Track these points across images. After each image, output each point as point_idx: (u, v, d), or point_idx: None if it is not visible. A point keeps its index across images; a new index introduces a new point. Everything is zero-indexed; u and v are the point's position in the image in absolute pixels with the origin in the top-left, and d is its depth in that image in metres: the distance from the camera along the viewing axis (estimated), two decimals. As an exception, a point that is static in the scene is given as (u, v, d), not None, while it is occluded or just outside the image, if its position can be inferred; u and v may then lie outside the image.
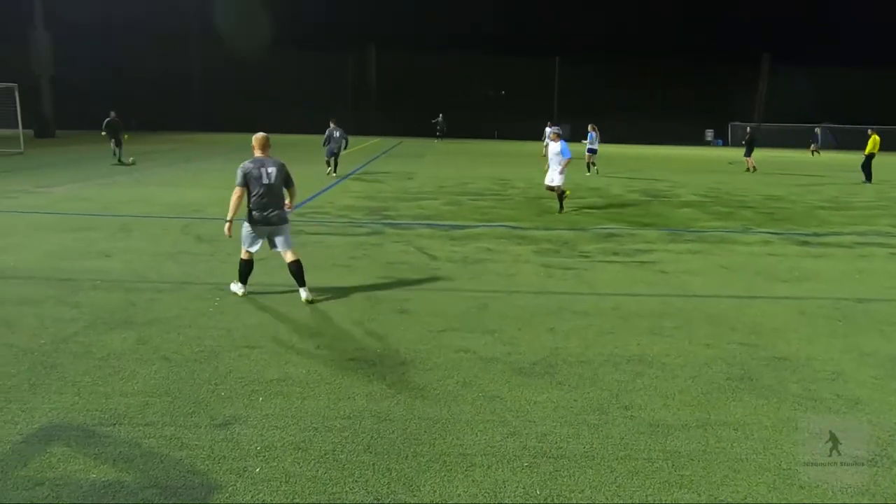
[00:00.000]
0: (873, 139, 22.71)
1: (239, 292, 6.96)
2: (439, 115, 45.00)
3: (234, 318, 6.26)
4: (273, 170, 6.74)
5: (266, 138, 6.92)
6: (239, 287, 7.00)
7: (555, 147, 13.32)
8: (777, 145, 47.36)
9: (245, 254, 6.94)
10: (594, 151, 23.24)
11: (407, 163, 26.83)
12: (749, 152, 26.27)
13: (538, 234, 11.28)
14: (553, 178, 13.34)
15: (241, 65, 49.43)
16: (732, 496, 3.54)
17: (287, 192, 7.05)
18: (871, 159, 22.71)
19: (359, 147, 35.36)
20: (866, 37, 47.27)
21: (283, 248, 6.91)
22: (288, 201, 7.10)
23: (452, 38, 50.35)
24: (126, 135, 22.90)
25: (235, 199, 6.70)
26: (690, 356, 5.55)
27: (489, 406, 4.52)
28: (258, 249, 6.94)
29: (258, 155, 6.81)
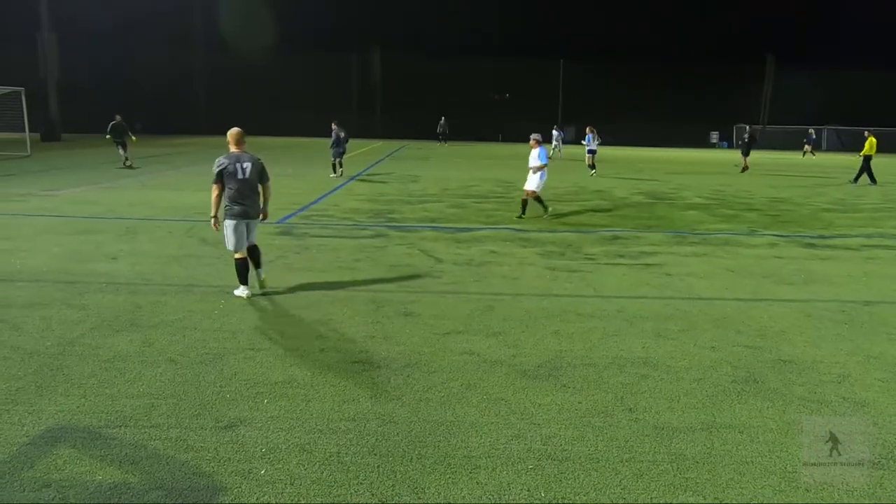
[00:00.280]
0: (870, 141, 22.83)
1: (244, 295, 6.98)
2: (441, 119, 45.10)
3: (239, 320, 6.28)
4: (248, 165, 6.89)
5: (240, 133, 7.04)
6: (242, 290, 7.02)
7: (533, 153, 13.15)
8: (781, 147, 47.26)
9: (237, 254, 7.02)
10: (594, 152, 24.18)
11: (411, 165, 26.86)
12: (746, 152, 26.78)
13: (543, 236, 11.27)
14: (530, 182, 13.19)
15: (245, 68, 49.67)
16: (737, 499, 3.53)
17: (261, 187, 7.13)
18: (870, 161, 22.78)
19: (363, 150, 35.44)
20: (871, 38, 47.15)
21: (251, 241, 7.16)
22: (263, 204, 7.22)
23: (457, 41, 50.51)
24: (134, 138, 22.93)
25: (214, 195, 6.87)
26: (696, 359, 5.54)
27: (494, 408, 4.52)
28: (244, 247, 7.04)
29: (233, 150, 6.94)
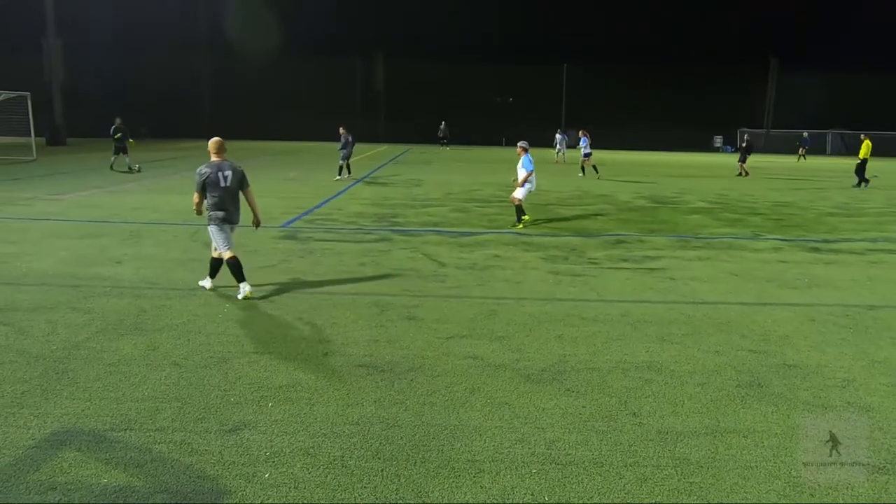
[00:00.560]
0: (866, 144, 22.95)
1: (246, 290, 7.07)
2: (442, 123, 45.21)
3: (244, 324, 6.30)
4: (229, 173, 7.10)
5: (221, 143, 7.25)
6: (244, 287, 7.10)
7: (519, 161, 13.00)
8: (786, 151, 47.17)
9: (227, 254, 7.14)
10: (589, 155, 24.91)
11: (414, 170, 26.90)
12: (744, 158, 27.29)
13: (546, 240, 11.28)
14: (517, 191, 12.86)
15: (249, 72, 49.88)
16: (742, 504, 3.52)
17: (243, 194, 7.30)
18: (865, 164, 22.87)
19: (367, 154, 35.49)
20: (876, 41, 47.04)
21: None
22: (253, 211, 7.44)
23: (460, 45, 50.53)
24: (132, 141, 22.93)
25: (196, 203, 7.09)
26: (699, 363, 5.54)
27: (497, 412, 4.52)
28: (233, 245, 7.24)
29: (214, 159, 7.14)
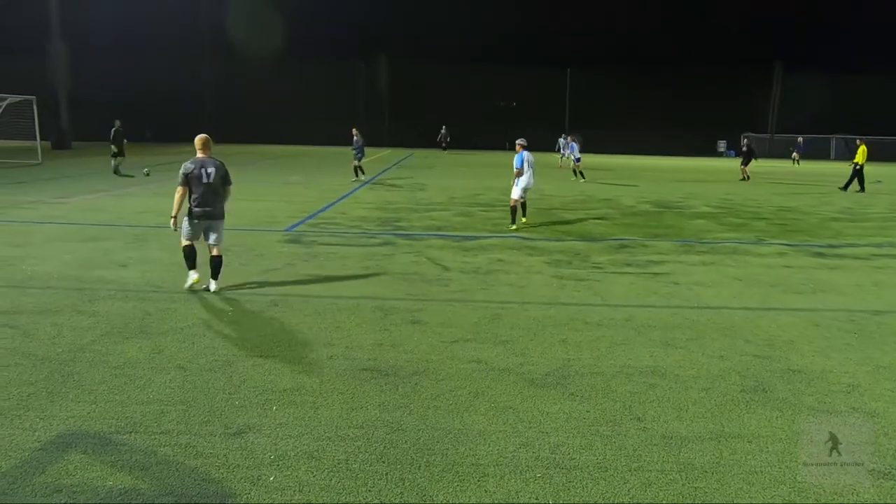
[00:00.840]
0: (862, 149, 22.86)
1: (193, 278, 7.41)
2: (442, 127, 45.29)
3: (248, 327, 6.31)
4: (212, 170, 7.33)
5: (207, 140, 7.52)
6: (192, 274, 7.43)
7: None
8: (789, 156, 47.04)
9: (184, 241, 7.46)
10: (579, 160, 25.88)
11: (418, 174, 26.93)
12: (745, 163, 27.43)
13: (550, 245, 11.28)
14: (513, 190, 12.86)
15: (252, 76, 50.01)
16: (747, 509, 3.52)
17: (223, 190, 7.55)
18: (862, 169, 22.81)
19: (370, 158, 35.51)
20: (881, 45, 46.98)
21: (214, 242, 7.53)
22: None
23: (464, 49, 50.62)
24: (125, 140, 22.86)
25: (178, 197, 7.33)
26: (704, 368, 5.53)
27: (502, 417, 4.52)
28: (196, 239, 7.52)
29: (199, 155, 7.41)
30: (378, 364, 5.42)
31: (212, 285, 7.50)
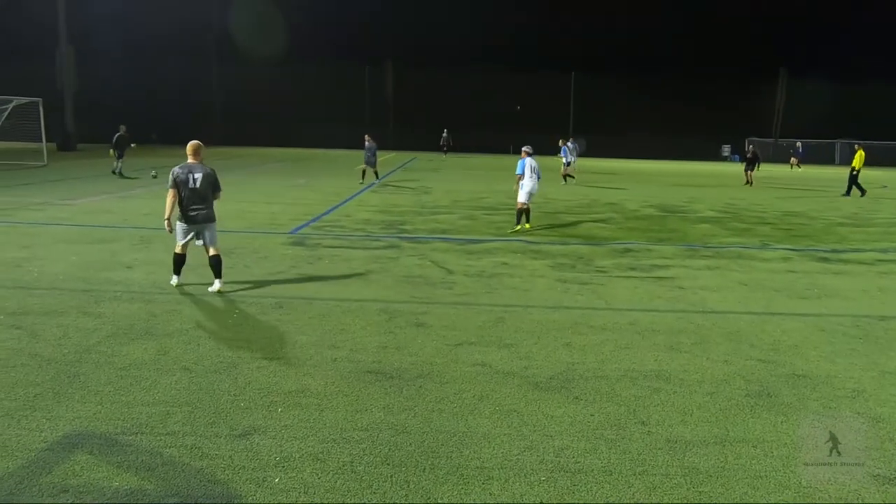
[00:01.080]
0: (859, 155, 22.78)
1: (173, 283, 7.65)
2: (444, 131, 45.33)
3: (253, 329, 6.33)
4: (199, 175, 7.53)
5: (197, 146, 7.74)
6: (174, 278, 7.75)
7: None
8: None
9: (178, 248, 7.69)
10: (569, 164, 26.18)
11: (422, 177, 26.97)
12: (750, 167, 27.52)
13: (554, 248, 11.28)
14: (520, 195, 12.95)
15: (259, 80, 50.16)
16: (752, 514, 3.51)
17: (211, 195, 7.71)
18: (858, 174, 22.76)
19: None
20: (886, 50, 46.88)
21: (208, 244, 7.67)
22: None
23: (468, 54, 50.77)
24: (132, 145, 23.14)
25: (169, 200, 7.54)
26: (708, 372, 5.53)
27: (506, 420, 4.52)
28: (185, 242, 7.66)
29: (190, 161, 7.62)
30: (382, 366, 5.43)
31: (216, 285, 7.55)
